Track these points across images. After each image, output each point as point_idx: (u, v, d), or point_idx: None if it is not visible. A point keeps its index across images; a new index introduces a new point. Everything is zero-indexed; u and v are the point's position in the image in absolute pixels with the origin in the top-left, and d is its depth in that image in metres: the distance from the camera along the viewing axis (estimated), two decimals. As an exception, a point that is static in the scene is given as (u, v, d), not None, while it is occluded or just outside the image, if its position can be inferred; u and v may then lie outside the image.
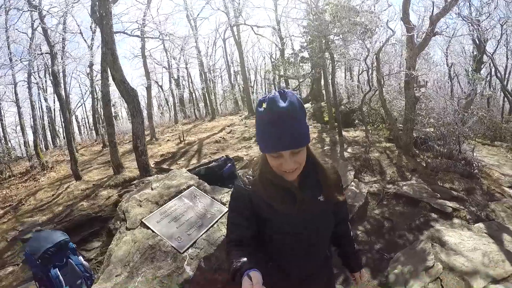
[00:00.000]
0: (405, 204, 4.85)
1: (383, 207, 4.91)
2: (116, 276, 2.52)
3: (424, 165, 6.34)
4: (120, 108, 25.12)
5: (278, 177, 1.14)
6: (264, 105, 1.03)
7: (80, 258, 3.32)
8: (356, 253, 1.51)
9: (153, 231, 2.84)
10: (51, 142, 20.79)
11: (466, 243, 2.96)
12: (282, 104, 1.00)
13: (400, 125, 7.77)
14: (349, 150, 7.66)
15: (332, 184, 1.25)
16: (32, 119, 14.18)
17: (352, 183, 5.50)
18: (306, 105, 15.12)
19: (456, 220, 4.18)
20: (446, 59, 12.08)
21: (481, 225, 3.85)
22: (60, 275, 2.99)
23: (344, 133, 9.11)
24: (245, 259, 1.03)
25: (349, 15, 7.49)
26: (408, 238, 3.98)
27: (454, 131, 6.41)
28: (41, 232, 3.76)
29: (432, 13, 6.25)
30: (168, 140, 13.04)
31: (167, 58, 21.24)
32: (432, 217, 4.34)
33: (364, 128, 8.98)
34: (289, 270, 1.27)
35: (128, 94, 6.59)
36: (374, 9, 8.29)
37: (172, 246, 2.68)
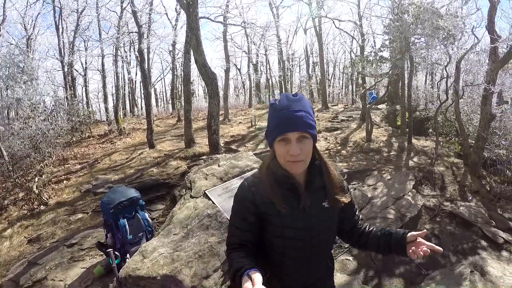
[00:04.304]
0: (458, 225, 4.68)
1: (435, 224, 4.78)
2: (174, 234, 3.02)
3: (488, 188, 5.90)
4: (198, 86, 25.87)
5: (285, 171, 1.13)
6: (277, 100, 1.13)
7: (146, 214, 3.80)
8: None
9: (213, 203, 3.28)
10: (129, 111, 22.63)
11: (507, 279, 2.84)
12: (294, 96, 1.12)
13: (472, 142, 7.24)
14: (415, 159, 7.43)
15: (338, 187, 1.22)
16: (115, 88, 15.68)
17: (410, 193, 5.36)
18: (380, 106, 14.32)
19: (504, 253, 3.95)
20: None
21: (529, 264, 3.60)
22: (127, 225, 3.47)
23: (414, 141, 8.79)
24: (245, 259, 1.02)
25: (431, 18, 7.05)
26: (450, 260, 3.90)
27: (526, 156, 5.82)
28: (118, 187, 4.35)
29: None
30: (240, 122, 13.52)
31: (248, 43, 21.42)
32: (481, 244, 4.16)
33: (435, 138, 8.51)
34: (289, 280, 1.22)
35: (208, 77, 7.06)
36: (461, 12, 7.65)
37: (227, 219, 3.09)
